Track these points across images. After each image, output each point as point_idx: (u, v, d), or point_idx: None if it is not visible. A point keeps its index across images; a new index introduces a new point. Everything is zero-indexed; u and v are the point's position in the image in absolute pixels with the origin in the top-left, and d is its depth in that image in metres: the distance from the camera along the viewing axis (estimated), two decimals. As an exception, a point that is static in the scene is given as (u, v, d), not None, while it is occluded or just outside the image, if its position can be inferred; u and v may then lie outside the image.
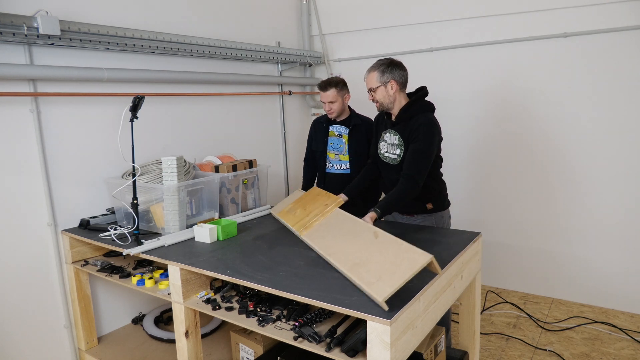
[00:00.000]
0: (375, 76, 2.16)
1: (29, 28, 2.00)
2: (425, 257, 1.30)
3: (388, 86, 2.16)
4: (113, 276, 2.15)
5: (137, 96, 2.11)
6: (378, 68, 2.17)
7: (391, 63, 2.17)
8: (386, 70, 2.15)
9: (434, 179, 2.26)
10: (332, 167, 2.90)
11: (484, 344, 2.73)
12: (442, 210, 2.34)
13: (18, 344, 2.20)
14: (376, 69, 2.17)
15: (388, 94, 2.18)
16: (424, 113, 2.17)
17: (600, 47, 2.90)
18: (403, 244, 1.46)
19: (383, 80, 2.15)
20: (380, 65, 2.17)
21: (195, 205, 2.38)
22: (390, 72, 2.15)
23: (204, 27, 3.06)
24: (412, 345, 1.41)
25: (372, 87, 2.19)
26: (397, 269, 1.32)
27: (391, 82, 2.15)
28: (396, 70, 2.16)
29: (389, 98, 2.19)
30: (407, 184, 2.08)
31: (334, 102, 2.72)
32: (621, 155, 2.94)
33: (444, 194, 2.37)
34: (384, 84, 2.16)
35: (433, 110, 2.23)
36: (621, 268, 3.02)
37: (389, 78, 2.15)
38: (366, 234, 1.66)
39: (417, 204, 2.28)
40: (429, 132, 2.11)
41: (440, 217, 2.32)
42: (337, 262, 1.56)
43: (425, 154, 2.11)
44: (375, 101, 2.23)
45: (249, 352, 2.10)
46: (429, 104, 2.23)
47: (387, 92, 2.17)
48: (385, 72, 2.15)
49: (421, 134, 2.10)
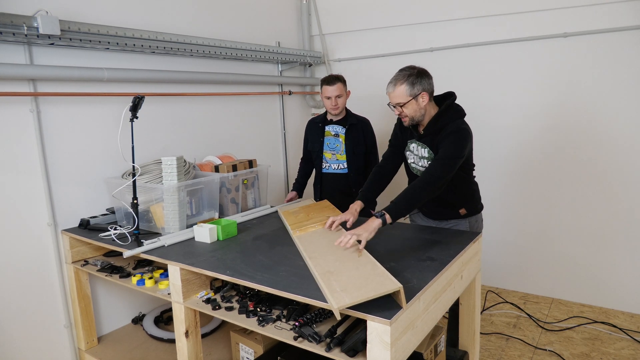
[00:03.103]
0: (405, 89, 1.92)
1: (29, 28, 2.00)
2: (394, 284, 1.33)
3: (419, 99, 1.94)
4: (113, 276, 2.14)
5: (137, 96, 2.11)
6: (406, 80, 1.92)
7: (420, 72, 1.94)
8: (416, 81, 1.91)
9: (466, 184, 2.16)
10: (329, 167, 2.90)
11: (484, 344, 2.73)
12: (476, 214, 2.24)
13: (18, 344, 2.20)
14: (404, 81, 1.92)
15: (419, 107, 1.96)
16: (454, 122, 1.97)
17: (600, 47, 2.90)
18: (380, 268, 1.48)
19: (414, 93, 1.92)
20: (408, 76, 1.92)
21: (195, 205, 2.38)
22: (420, 83, 1.92)
23: (204, 27, 3.06)
24: (412, 345, 1.41)
25: (402, 102, 1.95)
26: (364, 286, 1.36)
27: (422, 94, 1.93)
28: (425, 79, 1.94)
29: (420, 111, 1.97)
30: (423, 184, 1.85)
31: (340, 95, 2.75)
32: (621, 155, 2.94)
33: (477, 198, 2.27)
34: (415, 97, 1.93)
35: (463, 116, 2.04)
36: (621, 268, 3.03)
37: (420, 90, 1.92)
38: (351, 251, 1.68)
39: (450, 211, 2.19)
40: (457, 139, 1.93)
41: (474, 222, 2.23)
42: (314, 266, 1.59)
43: (451, 160, 1.90)
44: (403, 116, 2.00)
45: (249, 352, 2.10)
46: (458, 111, 2.03)
47: (419, 106, 1.96)
48: (416, 83, 1.91)
49: (448, 141, 1.92)
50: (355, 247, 1.68)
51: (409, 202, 1.82)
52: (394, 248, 1.87)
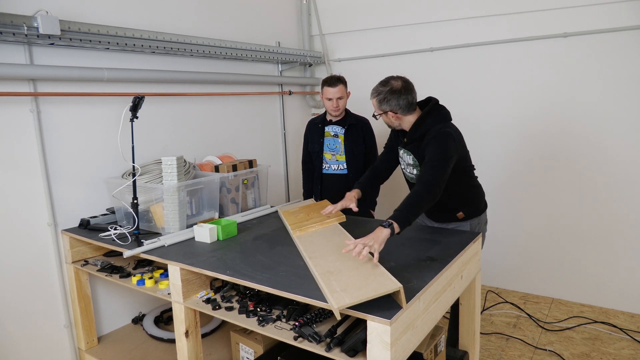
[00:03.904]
0: (375, 103, 2.07)
1: (29, 28, 2.00)
2: (394, 284, 1.33)
3: (389, 114, 2.06)
4: (113, 276, 2.15)
5: (137, 96, 2.11)
6: (376, 96, 2.04)
7: (392, 91, 2.00)
8: (383, 100, 2.02)
9: (463, 187, 2.16)
10: (329, 167, 2.90)
11: (484, 344, 2.73)
12: (477, 217, 2.23)
13: (18, 344, 2.20)
14: (375, 96, 2.05)
15: (391, 121, 2.10)
16: (433, 127, 2.01)
17: (600, 47, 2.90)
18: (380, 268, 1.48)
19: (382, 109, 2.05)
20: (378, 93, 2.03)
21: (195, 205, 2.38)
22: (387, 103, 2.01)
23: (204, 27, 3.06)
24: (412, 345, 1.41)
25: (375, 113, 2.11)
26: (365, 286, 1.36)
27: (389, 113, 2.05)
28: (394, 99, 2.00)
29: (394, 122, 2.10)
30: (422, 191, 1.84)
31: (341, 97, 2.76)
32: (622, 155, 2.94)
33: (477, 200, 2.26)
34: (385, 113, 2.06)
35: (446, 120, 2.08)
36: (621, 268, 3.02)
37: (387, 109, 2.04)
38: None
39: (448, 214, 2.20)
40: (439, 142, 1.96)
41: (476, 224, 2.22)
42: (314, 266, 1.59)
43: (439, 162, 1.91)
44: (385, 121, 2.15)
45: (249, 352, 2.10)
46: (440, 116, 2.07)
47: (390, 119, 2.09)
48: (383, 102, 2.03)
49: (430, 147, 1.97)
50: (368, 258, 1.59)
51: (412, 210, 1.79)
52: (394, 248, 1.87)
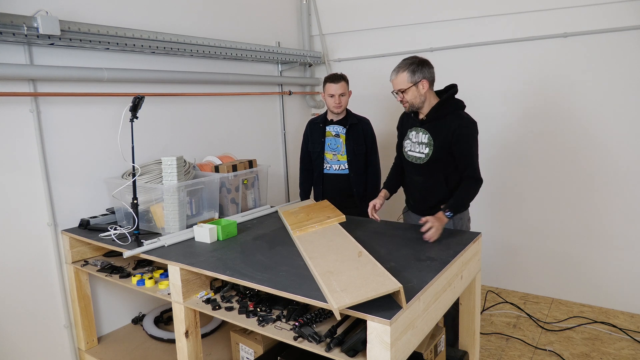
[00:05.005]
0: (406, 77, 2.07)
1: (29, 28, 2.00)
2: (394, 284, 1.33)
3: (419, 86, 2.08)
4: (113, 276, 2.15)
5: (137, 96, 2.11)
6: (408, 68, 2.06)
7: (421, 62, 2.08)
8: (417, 69, 2.06)
9: (448, 181, 2.20)
10: (330, 167, 2.90)
11: (484, 344, 2.73)
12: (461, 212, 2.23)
13: (18, 344, 2.20)
14: (406, 69, 2.07)
15: (419, 94, 2.10)
16: (456, 112, 2.12)
17: (599, 47, 2.90)
18: (380, 268, 1.49)
19: (414, 80, 2.06)
20: (410, 64, 2.07)
21: (195, 205, 2.38)
22: (421, 71, 2.06)
23: (204, 27, 3.06)
24: (412, 345, 1.41)
25: (402, 88, 2.09)
26: (365, 286, 1.36)
27: (422, 81, 2.07)
28: (426, 68, 2.08)
29: (420, 98, 2.11)
30: (472, 184, 2.10)
31: (344, 94, 2.76)
32: (621, 155, 2.94)
33: None
34: (415, 84, 2.07)
35: (464, 108, 2.17)
36: (621, 268, 3.02)
37: (420, 77, 2.06)
38: (351, 251, 1.69)
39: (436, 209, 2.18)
40: (471, 132, 2.09)
41: (458, 219, 2.23)
42: (315, 266, 1.59)
43: (475, 152, 2.12)
44: (404, 102, 2.14)
45: (249, 352, 2.10)
46: (458, 102, 2.16)
47: (419, 92, 2.09)
48: (416, 71, 2.06)
49: (464, 136, 2.07)
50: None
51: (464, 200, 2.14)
52: (394, 248, 1.87)
